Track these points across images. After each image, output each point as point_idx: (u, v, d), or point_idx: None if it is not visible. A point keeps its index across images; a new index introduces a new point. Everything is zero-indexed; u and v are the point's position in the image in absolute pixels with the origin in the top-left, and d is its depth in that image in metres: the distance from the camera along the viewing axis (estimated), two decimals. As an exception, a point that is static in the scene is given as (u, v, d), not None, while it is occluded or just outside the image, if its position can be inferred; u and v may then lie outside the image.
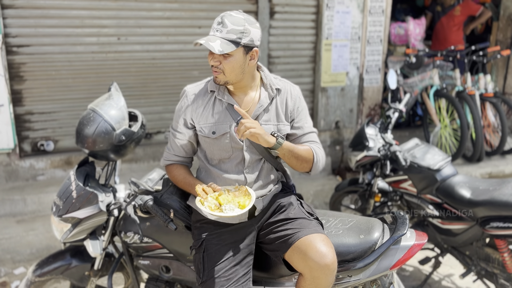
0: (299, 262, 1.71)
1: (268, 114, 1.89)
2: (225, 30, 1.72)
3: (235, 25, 1.72)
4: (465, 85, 4.85)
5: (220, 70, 1.77)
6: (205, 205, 1.72)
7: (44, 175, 3.93)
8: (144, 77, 4.16)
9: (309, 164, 1.90)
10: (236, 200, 1.75)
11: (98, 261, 2.26)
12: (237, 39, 1.72)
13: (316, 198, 4.28)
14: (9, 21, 3.62)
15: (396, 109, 3.22)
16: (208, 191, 1.77)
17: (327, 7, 4.46)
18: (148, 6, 4.00)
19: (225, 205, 1.73)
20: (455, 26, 5.82)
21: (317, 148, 1.95)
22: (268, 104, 1.89)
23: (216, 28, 1.74)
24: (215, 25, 1.76)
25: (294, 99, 1.94)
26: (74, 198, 2.06)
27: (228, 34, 1.72)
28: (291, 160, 1.86)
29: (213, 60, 1.76)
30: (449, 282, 3.19)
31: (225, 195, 1.77)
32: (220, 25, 1.73)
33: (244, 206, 1.73)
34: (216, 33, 1.74)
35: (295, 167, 1.89)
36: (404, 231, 1.86)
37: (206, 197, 1.75)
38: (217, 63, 1.76)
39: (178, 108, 1.94)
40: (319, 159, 1.93)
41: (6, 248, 3.33)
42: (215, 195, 1.76)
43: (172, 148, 2.00)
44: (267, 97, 1.89)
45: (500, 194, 2.55)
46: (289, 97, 1.93)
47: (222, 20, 1.73)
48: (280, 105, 1.92)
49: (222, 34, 1.72)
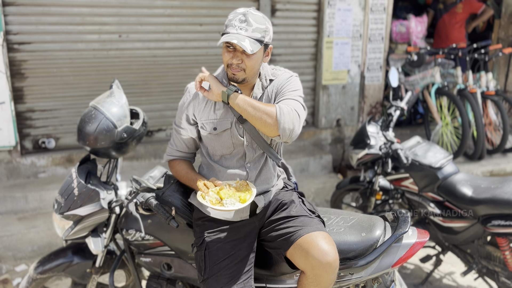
0: (301, 260, 1.71)
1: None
2: (250, 28, 1.71)
3: (259, 24, 1.73)
4: (467, 83, 4.84)
5: (241, 68, 1.76)
6: (206, 199, 1.72)
7: (45, 172, 3.93)
8: (145, 75, 4.16)
9: (272, 120, 1.69)
10: (237, 194, 1.76)
11: (99, 259, 2.26)
12: (261, 38, 1.74)
13: (317, 196, 4.28)
14: (10, 19, 3.62)
15: (398, 107, 3.21)
16: (210, 186, 1.78)
17: (329, 4, 4.45)
18: (149, 3, 4.00)
19: (226, 199, 1.73)
20: (457, 24, 5.81)
21: (283, 105, 1.73)
22: (261, 95, 1.88)
23: (240, 26, 1.72)
24: (237, 22, 1.72)
25: (282, 83, 1.86)
26: (75, 195, 2.07)
27: (254, 33, 1.72)
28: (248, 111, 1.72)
29: (235, 58, 1.74)
30: (450, 280, 3.19)
31: (226, 189, 1.77)
32: (245, 23, 1.72)
33: (245, 200, 1.74)
34: (241, 32, 1.71)
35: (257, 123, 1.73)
36: (405, 229, 1.86)
37: (208, 191, 1.75)
38: (239, 61, 1.74)
39: (181, 104, 1.94)
40: (284, 114, 1.69)
41: (8, 246, 3.33)
42: (216, 190, 1.77)
43: (175, 144, 2.01)
44: (260, 87, 1.89)
45: (502, 192, 2.55)
46: (277, 83, 1.87)
47: (246, 19, 1.72)
48: (270, 94, 1.87)
49: (247, 33, 1.71)
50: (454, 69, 4.93)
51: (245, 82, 1.81)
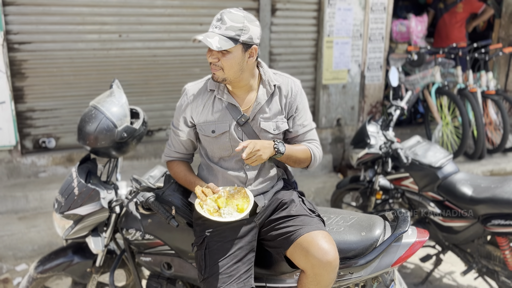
0: (301, 259, 1.71)
1: (267, 111, 1.89)
2: (224, 26, 1.71)
3: (234, 22, 1.71)
4: (467, 83, 4.83)
5: (219, 67, 1.76)
6: (204, 208, 1.74)
7: (45, 172, 3.93)
8: (145, 74, 4.16)
9: (306, 164, 1.97)
10: (234, 203, 1.78)
11: (100, 258, 2.26)
12: (236, 36, 1.72)
13: (317, 195, 4.28)
14: (11, 18, 3.62)
15: (398, 107, 3.21)
16: (207, 193, 1.79)
17: (329, 4, 4.45)
18: (150, 3, 4.00)
19: (223, 208, 1.76)
20: (457, 23, 5.81)
21: (315, 148, 1.98)
22: (267, 101, 1.89)
23: (215, 24, 1.74)
24: (214, 21, 1.75)
25: (295, 95, 1.94)
26: (76, 195, 2.07)
27: (226, 31, 1.71)
28: (289, 163, 1.93)
29: (211, 57, 1.76)
30: (450, 280, 3.19)
31: (224, 198, 1.79)
32: (219, 21, 1.72)
33: (243, 210, 1.76)
34: (215, 30, 1.73)
35: (293, 166, 1.98)
36: (405, 228, 1.87)
37: (206, 199, 1.76)
38: (215, 60, 1.75)
39: (179, 105, 1.94)
40: (317, 158, 1.98)
41: (8, 245, 3.34)
42: (214, 197, 1.78)
43: (173, 145, 2.01)
44: (265, 94, 1.89)
45: (502, 191, 2.55)
46: (289, 94, 1.93)
47: (222, 17, 1.73)
48: (279, 102, 1.92)
49: (220, 30, 1.71)
50: (454, 69, 4.93)
51: (226, 82, 1.81)
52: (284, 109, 1.93)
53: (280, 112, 1.92)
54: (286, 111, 1.94)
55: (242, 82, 1.84)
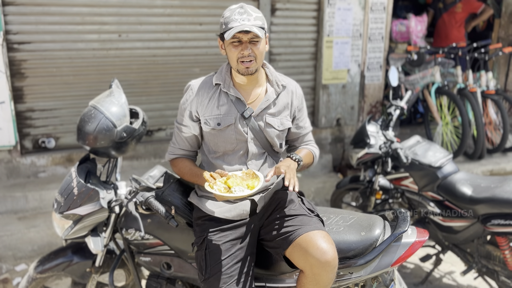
0: (300, 259, 1.71)
1: (273, 108, 1.94)
2: (252, 18, 1.76)
3: (257, 13, 1.79)
4: (467, 83, 4.83)
5: (253, 57, 1.80)
6: (214, 188, 1.71)
7: (45, 172, 3.93)
8: (145, 74, 4.16)
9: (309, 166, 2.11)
10: (244, 183, 1.76)
11: (99, 258, 2.26)
12: (263, 25, 1.80)
13: (317, 195, 4.28)
14: (10, 18, 3.62)
15: (398, 107, 3.21)
16: (216, 177, 1.77)
17: (329, 4, 4.45)
18: (149, 3, 4.00)
19: (234, 187, 1.73)
20: (456, 23, 5.81)
21: (315, 149, 2.13)
22: (275, 99, 1.94)
23: (242, 18, 1.76)
24: (238, 16, 1.76)
25: (299, 99, 2.02)
26: (75, 195, 2.07)
27: (256, 21, 1.77)
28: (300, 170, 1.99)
29: (245, 50, 1.78)
30: (450, 279, 3.19)
31: (233, 178, 1.77)
32: (245, 14, 1.76)
33: (254, 187, 1.73)
34: (245, 22, 1.75)
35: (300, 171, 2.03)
36: (405, 228, 1.87)
37: (215, 181, 1.74)
38: (250, 51, 1.78)
39: (183, 101, 1.95)
40: (316, 159, 2.14)
41: (8, 245, 3.33)
42: (224, 179, 1.76)
43: (177, 142, 2.01)
44: (274, 92, 1.94)
45: (502, 191, 2.55)
46: (294, 96, 2.00)
47: (245, 10, 1.78)
48: (285, 101, 1.97)
49: (251, 22, 1.75)
50: (454, 69, 4.92)
51: (254, 73, 1.84)
52: (289, 108, 1.98)
53: (285, 110, 1.97)
54: (291, 112, 1.99)
55: (257, 73, 1.89)
